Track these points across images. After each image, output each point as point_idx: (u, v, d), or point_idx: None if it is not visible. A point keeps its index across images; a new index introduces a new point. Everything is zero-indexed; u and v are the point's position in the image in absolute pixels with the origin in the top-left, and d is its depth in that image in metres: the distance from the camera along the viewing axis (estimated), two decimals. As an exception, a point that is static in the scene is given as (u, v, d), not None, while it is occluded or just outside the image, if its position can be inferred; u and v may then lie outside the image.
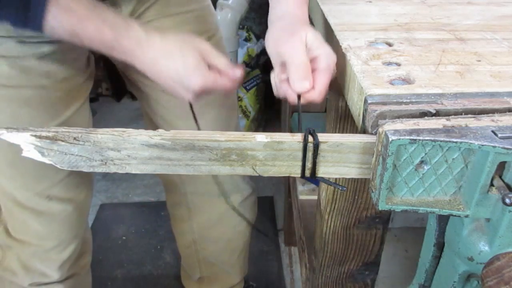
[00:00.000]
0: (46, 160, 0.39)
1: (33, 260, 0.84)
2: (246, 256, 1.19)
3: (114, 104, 2.43)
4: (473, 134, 0.35)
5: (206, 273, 1.15)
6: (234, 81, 0.59)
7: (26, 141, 0.38)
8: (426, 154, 0.36)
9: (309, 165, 0.40)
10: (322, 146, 0.39)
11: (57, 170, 0.71)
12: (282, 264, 1.52)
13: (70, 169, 0.40)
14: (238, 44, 1.80)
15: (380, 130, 0.37)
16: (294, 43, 0.49)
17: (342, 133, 0.60)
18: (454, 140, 0.35)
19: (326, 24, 0.58)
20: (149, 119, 0.91)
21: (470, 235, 0.40)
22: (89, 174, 0.83)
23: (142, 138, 0.39)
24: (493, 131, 0.35)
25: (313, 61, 0.49)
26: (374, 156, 0.38)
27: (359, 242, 0.68)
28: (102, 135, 0.39)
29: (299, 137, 0.40)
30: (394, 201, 0.39)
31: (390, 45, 0.50)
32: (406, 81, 0.43)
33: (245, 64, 1.95)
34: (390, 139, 0.35)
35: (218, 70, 0.58)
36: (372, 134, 0.39)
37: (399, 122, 0.37)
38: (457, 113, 0.38)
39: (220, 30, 0.88)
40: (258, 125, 2.08)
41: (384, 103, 0.39)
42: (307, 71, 0.48)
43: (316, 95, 0.49)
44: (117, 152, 0.39)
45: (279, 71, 0.51)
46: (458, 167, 0.37)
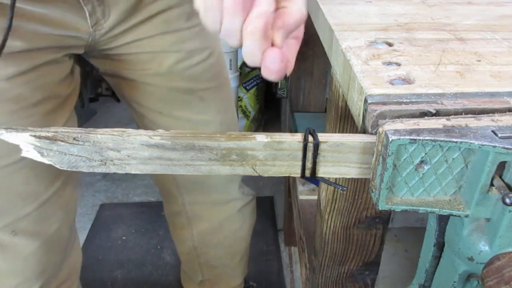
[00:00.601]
0: (45, 160, 0.39)
1: None
2: (247, 258, 1.19)
3: (114, 104, 2.43)
4: (473, 134, 0.35)
5: (208, 276, 1.15)
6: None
7: (25, 141, 0.38)
8: (426, 154, 0.36)
9: (309, 165, 0.40)
10: (322, 146, 0.39)
11: (24, 203, 0.69)
12: (282, 264, 1.52)
13: (69, 169, 0.40)
14: (238, 44, 1.80)
15: (380, 130, 0.37)
16: None
17: (342, 133, 0.60)
18: (454, 140, 0.35)
19: (326, 24, 0.58)
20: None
21: (470, 235, 0.40)
22: (68, 200, 0.76)
23: (142, 138, 0.39)
24: (493, 131, 0.35)
25: (279, 15, 0.39)
26: (374, 156, 0.38)
27: (359, 242, 0.68)
28: (101, 135, 0.38)
29: (299, 137, 0.40)
30: (394, 201, 0.39)
31: (390, 45, 0.50)
32: (406, 81, 0.43)
33: (245, 64, 1.95)
34: (390, 139, 0.35)
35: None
36: (372, 134, 0.39)
37: (399, 122, 0.37)
38: (457, 113, 0.38)
39: (220, 44, 0.86)
40: (258, 125, 2.08)
41: (384, 103, 0.39)
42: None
43: (294, 8, 0.39)
44: (116, 152, 0.39)
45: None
46: (458, 167, 0.37)
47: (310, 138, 0.39)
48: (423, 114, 0.38)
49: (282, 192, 1.76)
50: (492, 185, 0.36)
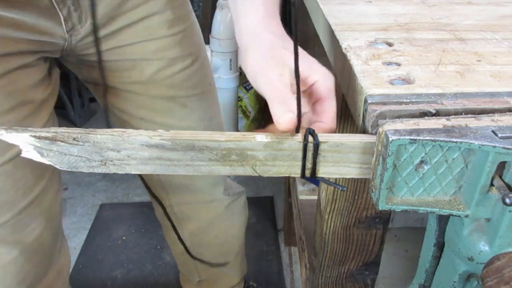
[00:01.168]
0: (45, 160, 0.39)
1: None
2: (243, 256, 1.19)
3: (114, 104, 2.42)
4: (473, 134, 0.35)
5: (205, 276, 1.15)
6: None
7: (25, 141, 0.38)
8: (426, 154, 0.36)
9: (309, 165, 0.40)
10: (322, 146, 0.39)
11: (2, 211, 0.67)
12: (282, 264, 1.52)
13: (69, 169, 0.40)
14: (238, 44, 1.79)
15: (380, 130, 0.37)
16: (268, 75, 0.43)
17: (342, 133, 0.60)
18: (454, 140, 0.35)
19: (326, 24, 0.58)
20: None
21: (470, 235, 0.40)
22: (49, 205, 0.74)
23: (142, 138, 0.39)
24: (493, 131, 0.35)
25: (312, 89, 0.45)
26: (374, 156, 0.38)
27: (359, 242, 0.68)
28: (101, 136, 0.38)
29: (299, 137, 0.40)
30: (394, 201, 0.39)
31: (390, 45, 0.50)
32: (406, 81, 0.43)
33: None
34: (390, 139, 0.35)
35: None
36: (372, 134, 0.39)
37: (399, 122, 0.37)
38: (457, 113, 0.38)
39: (204, 50, 0.85)
40: (258, 125, 2.08)
41: (384, 103, 0.39)
42: (285, 100, 0.41)
43: (328, 126, 0.44)
44: (116, 152, 0.39)
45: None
46: (458, 167, 0.37)
47: (310, 138, 0.39)
48: (423, 114, 0.38)
49: (282, 192, 1.76)
50: (492, 185, 0.36)
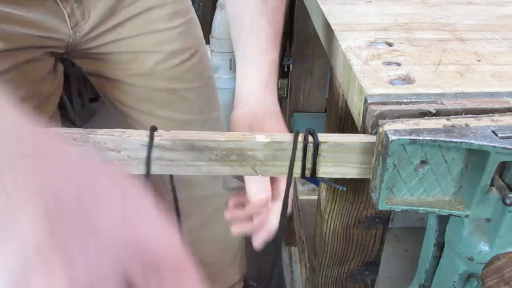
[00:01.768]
0: (46, 160, 0.39)
1: None
2: (243, 255, 1.19)
3: (114, 104, 2.42)
4: (473, 134, 0.35)
5: (204, 274, 1.15)
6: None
7: (26, 141, 0.38)
8: (426, 154, 0.36)
9: (309, 165, 0.40)
10: (322, 146, 0.39)
11: None
12: (282, 264, 1.52)
13: (69, 169, 0.40)
14: (238, 44, 1.79)
15: (380, 130, 0.37)
16: None
17: (342, 133, 0.60)
18: (454, 140, 0.35)
19: (326, 24, 0.58)
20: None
21: (470, 235, 0.40)
22: None
23: (142, 138, 0.39)
24: (493, 131, 0.35)
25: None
26: (374, 156, 0.38)
27: (359, 242, 0.68)
28: (101, 136, 0.38)
29: (299, 137, 0.40)
30: (394, 201, 0.39)
31: (390, 45, 0.50)
32: (406, 81, 0.43)
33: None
34: (390, 139, 0.35)
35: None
36: (372, 134, 0.39)
37: (399, 122, 0.37)
38: (457, 113, 0.38)
39: (203, 44, 0.86)
40: (258, 125, 2.08)
41: (384, 103, 0.39)
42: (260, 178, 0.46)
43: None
44: (117, 152, 0.39)
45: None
46: (458, 167, 0.37)
47: (310, 138, 0.39)
48: (423, 114, 0.38)
49: (282, 192, 1.75)
50: (492, 185, 0.36)
